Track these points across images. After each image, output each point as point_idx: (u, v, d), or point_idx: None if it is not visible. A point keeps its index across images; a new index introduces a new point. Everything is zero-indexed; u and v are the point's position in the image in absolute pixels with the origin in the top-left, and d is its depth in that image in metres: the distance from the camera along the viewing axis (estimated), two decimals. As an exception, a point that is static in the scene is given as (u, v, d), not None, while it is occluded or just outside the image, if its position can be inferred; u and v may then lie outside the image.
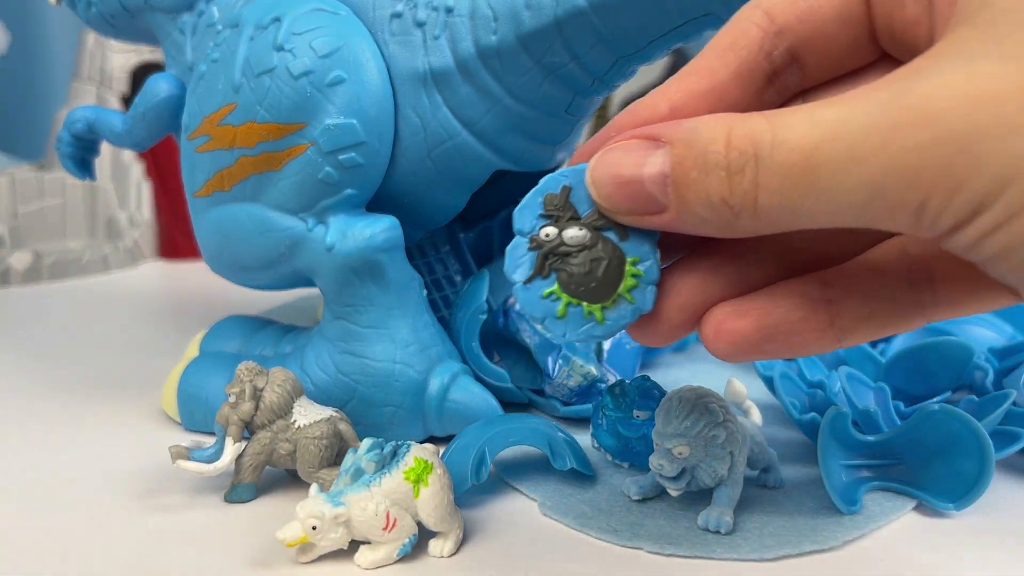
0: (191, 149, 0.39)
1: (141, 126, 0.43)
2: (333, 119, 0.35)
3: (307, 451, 0.32)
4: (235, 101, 0.37)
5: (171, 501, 0.33)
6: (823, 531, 0.30)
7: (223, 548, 0.29)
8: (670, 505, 0.32)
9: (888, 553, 0.29)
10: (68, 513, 0.32)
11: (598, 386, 0.40)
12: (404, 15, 0.36)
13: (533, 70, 0.35)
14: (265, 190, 0.37)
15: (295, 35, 0.36)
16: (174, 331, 0.57)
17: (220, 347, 0.42)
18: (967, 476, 0.31)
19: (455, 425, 0.37)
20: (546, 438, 0.33)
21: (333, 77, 0.35)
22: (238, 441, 0.32)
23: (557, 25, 0.34)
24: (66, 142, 0.47)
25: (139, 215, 0.78)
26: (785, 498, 0.33)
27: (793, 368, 0.40)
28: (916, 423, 0.32)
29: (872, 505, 0.32)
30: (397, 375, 0.36)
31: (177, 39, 0.42)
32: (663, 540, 0.30)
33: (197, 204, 0.40)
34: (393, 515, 0.28)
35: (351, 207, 0.37)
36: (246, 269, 0.39)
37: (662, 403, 0.30)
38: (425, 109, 0.37)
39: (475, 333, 0.40)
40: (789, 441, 0.38)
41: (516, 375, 0.41)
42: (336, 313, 0.37)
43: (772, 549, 0.29)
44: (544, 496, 0.33)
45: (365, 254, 0.36)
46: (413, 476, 0.28)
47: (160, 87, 0.42)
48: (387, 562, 0.28)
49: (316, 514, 0.27)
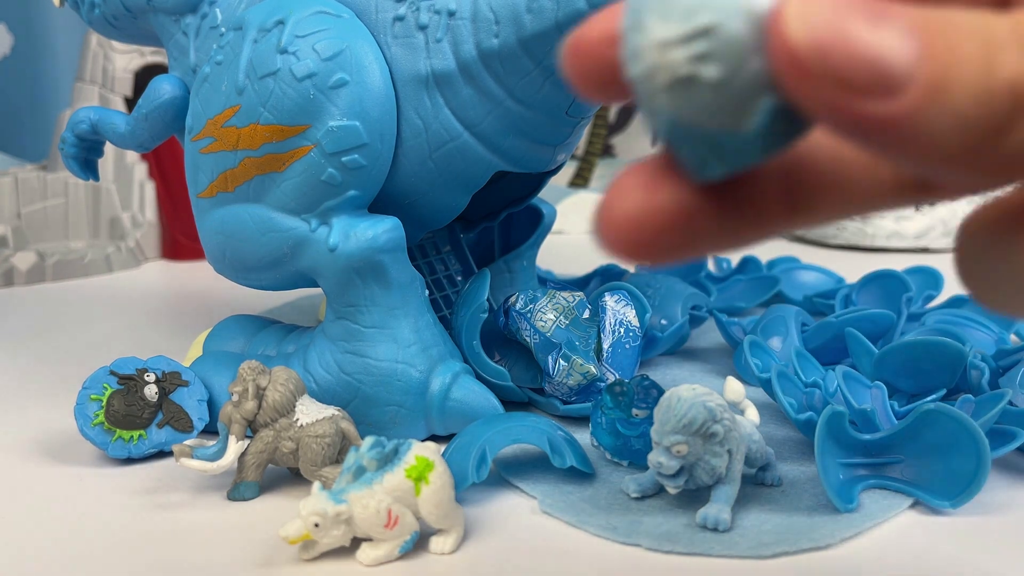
0: (195, 151, 0.40)
1: (144, 127, 0.44)
2: (336, 121, 0.36)
3: (309, 449, 0.33)
4: (239, 103, 0.37)
5: (174, 499, 0.33)
6: (820, 529, 0.30)
7: (226, 546, 0.30)
8: (669, 503, 0.32)
9: (885, 551, 0.29)
10: (71, 511, 0.32)
11: (597, 385, 0.40)
12: (406, 18, 0.37)
13: (534, 72, 0.35)
14: (268, 191, 0.37)
15: (298, 38, 0.36)
16: (177, 331, 0.57)
17: (223, 347, 0.42)
18: (963, 475, 0.31)
19: (457, 424, 0.37)
20: (546, 436, 0.34)
21: (336, 79, 0.36)
22: (241, 439, 0.33)
23: (558, 28, 0.34)
24: (70, 143, 0.47)
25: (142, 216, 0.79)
26: (782, 496, 0.33)
27: (789, 368, 0.41)
28: (913, 422, 0.32)
29: (869, 503, 0.32)
30: (399, 374, 0.37)
31: (180, 41, 0.43)
32: (662, 537, 0.30)
33: (201, 205, 0.40)
34: (395, 512, 0.28)
35: (354, 208, 0.37)
36: (249, 269, 0.40)
37: (661, 401, 0.31)
38: (427, 111, 0.37)
39: (476, 332, 0.40)
40: (786, 439, 0.38)
41: (516, 374, 0.42)
42: (339, 313, 0.38)
43: (770, 547, 0.29)
44: (544, 494, 0.33)
45: (367, 255, 0.36)
46: (414, 474, 0.29)
47: (163, 89, 0.42)
48: (389, 559, 0.29)
49: (318, 512, 0.28)
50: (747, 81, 0.13)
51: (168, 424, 0.37)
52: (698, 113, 0.13)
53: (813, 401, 0.38)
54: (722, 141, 0.13)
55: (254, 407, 0.33)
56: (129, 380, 0.37)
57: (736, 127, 0.13)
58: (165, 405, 0.37)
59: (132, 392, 0.37)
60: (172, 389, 0.38)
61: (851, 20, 0.12)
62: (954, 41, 0.12)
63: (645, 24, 0.13)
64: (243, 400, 0.33)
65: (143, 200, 0.79)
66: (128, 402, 0.36)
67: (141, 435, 0.36)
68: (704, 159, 0.14)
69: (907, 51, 0.12)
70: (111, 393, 0.36)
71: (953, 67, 0.12)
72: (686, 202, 0.14)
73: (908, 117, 0.12)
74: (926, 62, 0.12)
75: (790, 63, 0.12)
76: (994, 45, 0.12)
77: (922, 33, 0.12)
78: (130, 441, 0.36)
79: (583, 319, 0.42)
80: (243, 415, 0.33)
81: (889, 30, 0.12)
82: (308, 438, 0.33)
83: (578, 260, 0.68)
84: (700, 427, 0.30)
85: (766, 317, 0.47)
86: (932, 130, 0.12)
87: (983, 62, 0.12)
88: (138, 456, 0.36)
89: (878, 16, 0.12)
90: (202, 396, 0.38)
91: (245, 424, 0.33)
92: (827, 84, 0.12)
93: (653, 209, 0.14)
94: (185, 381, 0.38)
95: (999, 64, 0.12)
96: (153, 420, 0.37)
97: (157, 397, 0.37)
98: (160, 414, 0.37)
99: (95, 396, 0.36)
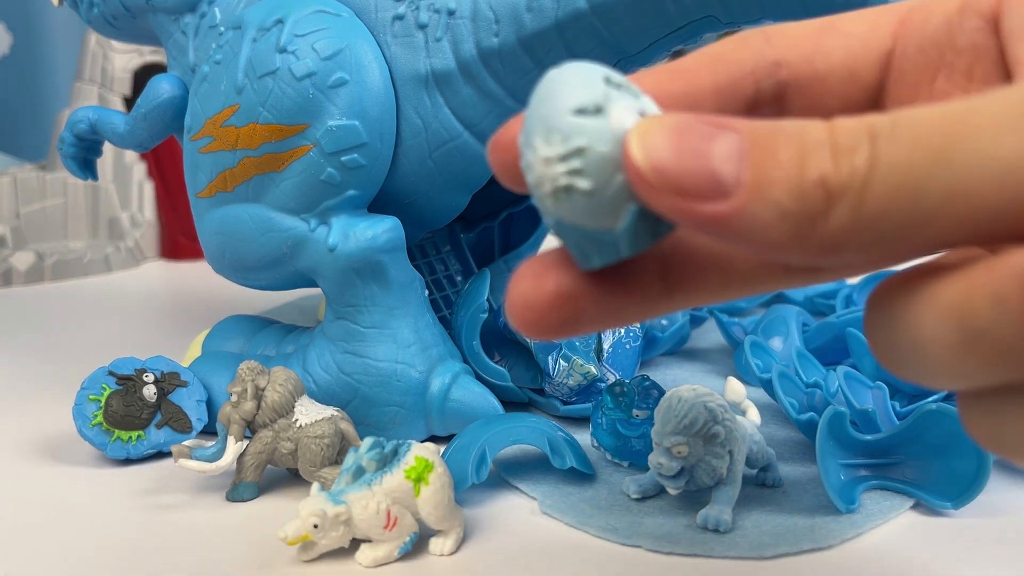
0: (194, 150, 0.40)
1: (143, 127, 0.43)
2: (335, 120, 0.36)
3: (308, 450, 0.32)
4: (238, 102, 0.37)
5: (173, 500, 0.33)
6: (821, 530, 0.30)
7: (225, 546, 0.30)
8: (669, 504, 0.32)
9: (886, 552, 0.29)
10: (69, 512, 0.32)
11: (598, 385, 0.40)
12: (406, 17, 0.37)
13: (534, 72, 0.35)
14: (267, 191, 0.37)
15: (298, 37, 0.36)
16: (176, 331, 0.57)
17: (222, 347, 0.42)
18: (965, 475, 0.31)
19: (456, 424, 0.37)
20: (546, 437, 0.34)
21: (335, 79, 0.35)
22: (240, 440, 0.32)
23: (558, 27, 0.34)
24: (69, 142, 0.47)
25: (141, 215, 0.78)
26: (783, 497, 0.33)
27: (790, 368, 0.40)
28: (914, 422, 0.32)
29: (870, 504, 0.32)
30: (399, 375, 0.37)
31: (179, 40, 0.43)
32: (662, 539, 0.30)
33: (200, 205, 0.40)
34: (394, 514, 0.28)
35: (353, 208, 0.37)
36: (248, 269, 0.39)
37: (661, 402, 0.31)
38: (427, 110, 0.37)
39: (476, 332, 0.40)
40: (787, 440, 0.38)
41: (516, 374, 0.42)
42: (338, 313, 0.37)
43: (770, 548, 0.29)
44: (544, 495, 0.33)
45: (367, 255, 0.36)
46: (414, 475, 0.29)
47: (162, 88, 0.42)
48: (388, 560, 0.28)
49: (317, 513, 0.27)
50: (614, 191, 0.15)
51: (167, 425, 0.37)
52: (576, 215, 0.16)
53: (814, 401, 0.38)
54: (598, 238, 0.16)
55: (253, 408, 0.33)
56: (128, 380, 0.37)
57: (609, 227, 0.16)
58: (164, 406, 0.37)
59: (131, 392, 0.37)
60: (171, 389, 0.38)
61: (684, 139, 0.15)
62: (774, 147, 0.14)
63: (533, 143, 0.15)
64: (242, 401, 0.33)
65: (142, 200, 0.79)
66: (127, 403, 0.36)
67: (140, 436, 0.36)
68: (585, 252, 0.16)
69: (733, 160, 0.14)
70: (110, 393, 0.36)
71: (772, 170, 0.14)
72: (568, 287, 0.17)
73: (737, 214, 0.14)
74: (748, 168, 0.14)
75: (637, 179, 0.15)
76: (808, 147, 0.14)
77: (747, 142, 0.15)
78: (129, 442, 0.36)
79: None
80: (242, 416, 0.32)
81: (718, 142, 0.15)
82: (307, 439, 0.33)
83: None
84: (701, 428, 0.30)
85: (767, 317, 0.47)
86: (760, 223, 0.14)
87: (798, 163, 0.14)
88: (137, 457, 0.36)
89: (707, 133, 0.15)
90: (201, 396, 0.38)
91: (244, 425, 0.33)
92: (666, 194, 0.15)
93: (539, 294, 0.16)
94: (184, 381, 0.38)
95: (810, 164, 0.14)
96: (152, 421, 0.37)
97: (156, 397, 0.37)
98: (159, 415, 0.37)
99: (94, 396, 0.36)
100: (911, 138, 0.14)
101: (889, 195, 0.14)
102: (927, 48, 0.18)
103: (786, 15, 0.32)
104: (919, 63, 0.19)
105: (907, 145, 0.14)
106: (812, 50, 0.19)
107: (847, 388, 0.37)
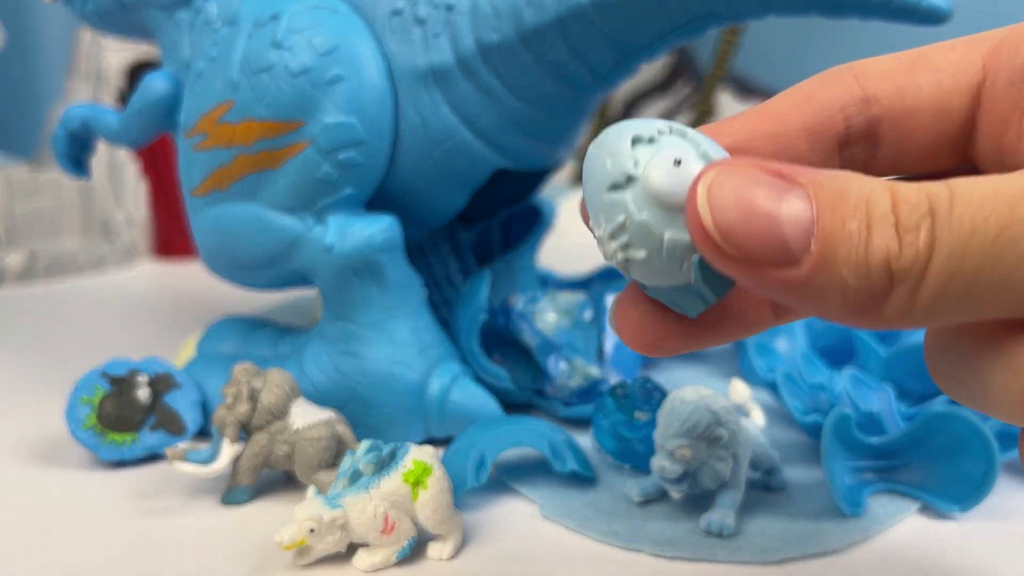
0: (188, 147, 0.39)
1: (137, 124, 0.43)
2: (332, 117, 0.35)
3: (305, 453, 0.32)
4: (233, 99, 0.36)
5: (167, 503, 0.33)
6: (827, 534, 0.30)
7: (220, 551, 0.29)
8: (672, 507, 0.32)
9: (893, 556, 0.29)
10: (62, 514, 0.32)
11: (599, 387, 0.39)
12: (404, 12, 0.36)
13: (534, 68, 0.35)
14: (263, 189, 0.37)
15: (294, 32, 0.35)
16: (170, 331, 0.56)
17: (217, 348, 0.42)
18: (972, 478, 0.31)
19: (455, 426, 0.37)
20: (546, 439, 0.33)
21: (332, 75, 0.35)
22: (235, 443, 0.32)
23: (559, 23, 0.33)
24: (61, 140, 0.47)
25: (135, 214, 0.78)
26: (788, 501, 0.32)
27: (795, 370, 0.40)
28: (920, 425, 0.32)
29: (876, 507, 0.32)
30: (397, 376, 0.36)
31: (173, 36, 0.42)
32: (665, 543, 0.29)
33: (194, 203, 0.40)
34: (392, 518, 0.28)
35: (350, 206, 0.36)
36: (243, 269, 0.39)
37: (664, 404, 0.30)
38: (425, 107, 0.36)
39: (475, 333, 0.39)
40: (792, 443, 0.38)
41: (516, 376, 0.41)
42: (335, 313, 0.37)
43: (775, 552, 0.29)
44: (544, 498, 0.33)
45: (364, 254, 0.35)
46: (412, 478, 0.28)
47: (156, 85, 0.42)
48: (386, 565, 0.28)
49: (314, 517, 0.27)
50: (669, 250, 0.16)
51: (161, 427, 0.36)
52: (649, 279, 0.17)
53: (819, 403, 0.38)
54: (683, 291, 0.17)
55: (248, 410, 0.32)
56: (121, 382, 0.36)
57: (684, 282, 0.17)
58: (158, 408, 0.36)
59: (124, 394, 0.36)
60: (165, 391, 0.37)
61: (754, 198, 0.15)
62: (842, 214, 0.15)
63: (591, 224, 0.17)
64: (237, 402, 0.32)
65: (136, 198, 0.78)
66: (120, 404, 0.36)
67: (133, 438, 0.36)
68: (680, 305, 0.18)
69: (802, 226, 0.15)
70: (103, 395, 0.36)
71: (840, 244, 0.14)
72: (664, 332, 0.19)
73: (803, 284, 0.15)
74: (818, 240, 0.15)
75: (703, 240, 0.15)
76: (874, 220, 0.14)
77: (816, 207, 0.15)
78: (122, 444, 0.35)
79: (585, 320, 0.41)
80: (237, 418, 0.32)
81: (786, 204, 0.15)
82: (303, 441, 0.32)
83: (579, 260, 0.68)
84: (704, 430, 0.29)
85: (769, 317, 0.47)
86: (824, 294, 0.15)
87: (864, 238, 0.14)
88: (130, 459, 0.36)
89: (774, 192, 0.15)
90: (195, 398, 0.37)
91: (239, 427, 0.32)
92: (735, 258, 0.15)
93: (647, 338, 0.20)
94: (178, 383, 0.37)
95: (876, 242, 0.14)
96: (146, 423, 0.36)
97: (150, 399, 0.36)
98: (153, 417, 0.36)
99: (86, 398, 0.36)
100: (968, 222, 0.14)
101: (945, 281, 0.14)
102: (1017, 82, 0.18)
103: (789, 10, 0.32)
104: (1009, 96, 0.18)
105: (964, 231, 0.14)
106: (902, 85, 0.19)
107: (852, 390, 0.37)
